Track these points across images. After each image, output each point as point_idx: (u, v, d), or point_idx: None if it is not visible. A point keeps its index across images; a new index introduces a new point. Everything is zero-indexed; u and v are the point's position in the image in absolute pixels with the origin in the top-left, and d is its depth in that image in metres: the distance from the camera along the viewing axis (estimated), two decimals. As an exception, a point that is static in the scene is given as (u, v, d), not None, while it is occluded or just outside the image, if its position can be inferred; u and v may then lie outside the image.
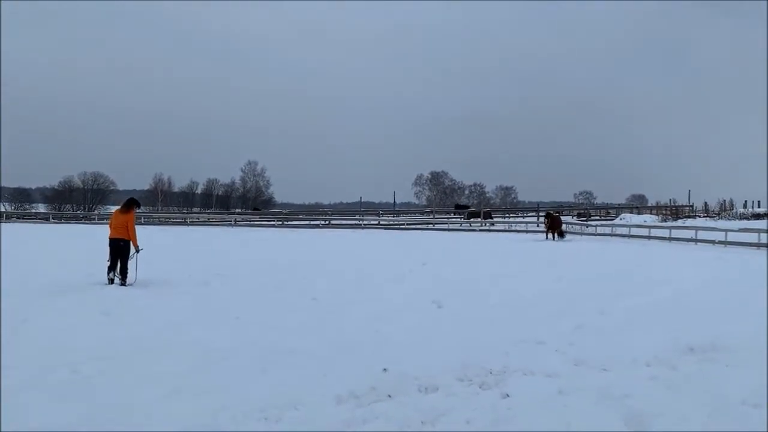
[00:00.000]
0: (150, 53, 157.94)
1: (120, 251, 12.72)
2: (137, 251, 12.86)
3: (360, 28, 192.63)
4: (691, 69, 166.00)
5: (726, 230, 28.81)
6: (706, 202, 57.21)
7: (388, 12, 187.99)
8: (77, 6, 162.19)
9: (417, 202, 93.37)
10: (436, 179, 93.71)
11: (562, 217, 37.24)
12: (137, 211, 13.63)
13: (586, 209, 61.99)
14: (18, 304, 9.96)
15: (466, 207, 55.42)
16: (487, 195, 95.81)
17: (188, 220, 53.05)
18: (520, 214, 58.76)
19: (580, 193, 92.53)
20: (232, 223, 50.30)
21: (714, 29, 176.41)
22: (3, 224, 46.19)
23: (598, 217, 55.30)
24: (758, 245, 25.23)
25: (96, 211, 67.08)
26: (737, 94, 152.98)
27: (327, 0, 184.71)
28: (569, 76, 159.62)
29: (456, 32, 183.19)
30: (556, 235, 32.34)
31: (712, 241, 28.37)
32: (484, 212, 52.31)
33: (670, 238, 31.08)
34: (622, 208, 63.19)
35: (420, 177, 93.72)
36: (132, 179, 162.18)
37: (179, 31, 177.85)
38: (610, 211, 60.88)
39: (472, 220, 49.70)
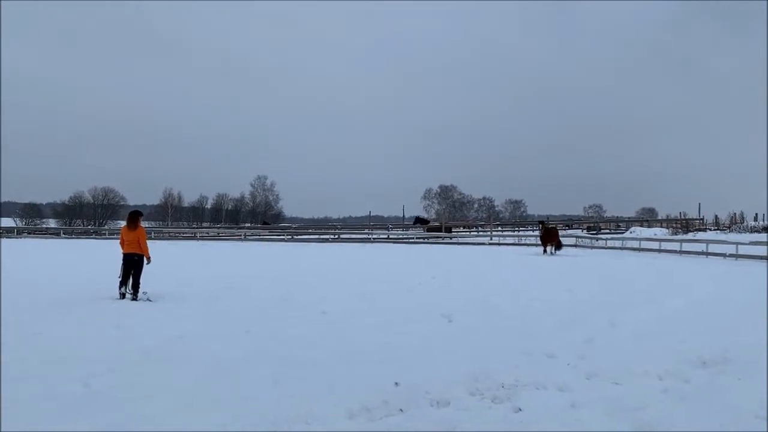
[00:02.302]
0: (160, 68, 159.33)
1: (134, 265, 12.84)
2: (148, 262, 13.03)
3: (370, 42, 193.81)
4: (701, 79, 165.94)
5: (737, 243, 28.68)
6: (716, 215, 56.81)
7: (398, 26, 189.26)
8: (88, 22, 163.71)
9: (426, 216, 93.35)
10: (445, 193, 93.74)
11: (567, 229, 36.86)
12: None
13: (596, 222, 61.79)
14: (30, 317, 10.04)
15: (425, 221, 55.35)
16: (497, 209, 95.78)
17: (198, 235, 53.24)
18: (529, 228, 58.59)
19: (590, 207, 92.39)
20: (242, 237, 50.40)
21: (722, 41, 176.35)
22: (15, 239, 46.53)
23: (608, 231, 55.10)
24: (769, 258, 25.08)
25: (106, 226, 67.39)
26: (747, 106, 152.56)
27: (338, 12, 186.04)
28: (578, 89, 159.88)
29: (466, 46, 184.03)
30: (553, 248, 31.37)
31: (723, 255, 28.25)
32: (446, 227, 52.57)
33: (681, 252, 30.95)
34: (632, 221, 63.01)
35: (429, 191, 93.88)
36: (142, 194, 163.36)
37: (189, 47, 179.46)
38: (620, 224, 60.68)
39: (434, 234, 49.74)
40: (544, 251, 31.53)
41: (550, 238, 31.71)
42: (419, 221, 55.40)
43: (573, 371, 6.80)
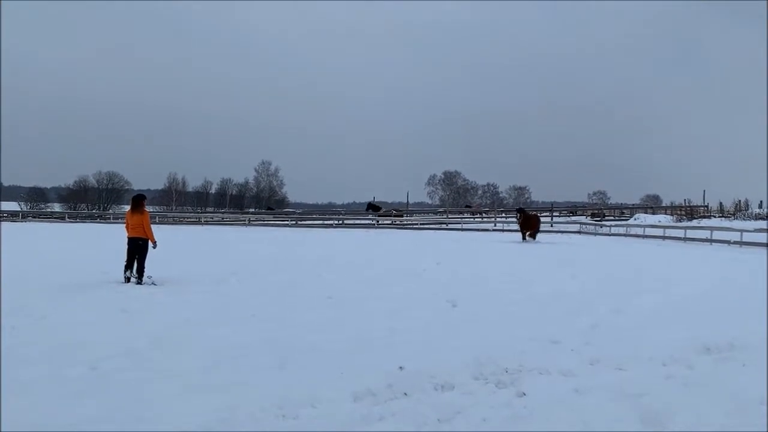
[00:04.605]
0: (164, 53, 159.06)
1: (138, 250, 12.87)
2: (154, 247, 13.05)
3: (375, 27, 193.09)
4: (706, 67, 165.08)
5: (741, 230, 28.66)
6: (721, 202, 56.71)
7: (403, 11, 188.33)
8: (92, 5, 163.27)
9: (430, 202, 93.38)
10: (450, 179, 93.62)
11: (571, 216, 36.56)
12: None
13: (600, 209, 61.67)
14: (36, 302, 10.07)
15: (377, 208, 55.52)
16: (501, 195, 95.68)
17: (202, 220, 53.29)
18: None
19: (594, 193, 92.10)
20: (246, 222, 50.43)
21: (728, 27, 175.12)
22: (19, 223, 46.65)
23: (612, 218, 55.03)
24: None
25: (111, 211, 67.48)
26: (752, 92, 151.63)
27: None
28: (583, 75, 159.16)
29: (470, 32, 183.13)
30: (527, 235, 30.31)
31: (728, 242, 28.24)
32: (397, 213, 53.04)
33: (685, 239, 30.94)
34: (637, 208, 62.85)
35: (433, 177, 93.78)
36: (146, 179, 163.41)
37: (194, 31, 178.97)
38: (624, 211, 60.58)
39: (386, 218, 50.24)
40: (523, 238, 30.51)
41: (526, 225, 30.65)
42: (371, 207, 55.34)
43: (577, 357, 6.81)
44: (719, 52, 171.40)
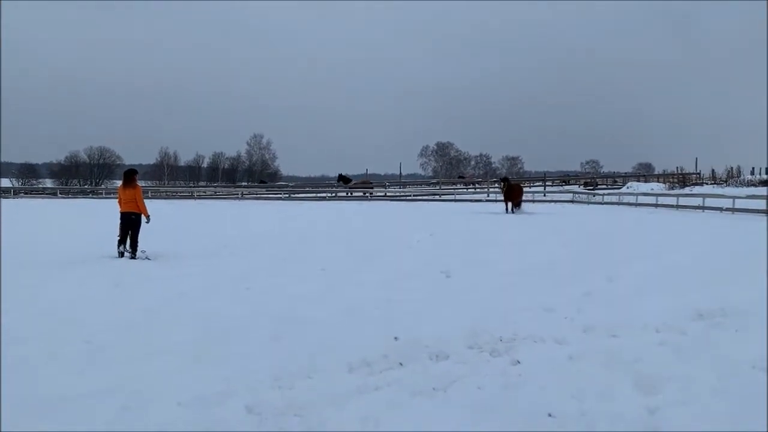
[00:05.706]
0: (154, 26, 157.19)
1: (131, 224, 12.83)
2: (147, 221, 13.00)
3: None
4: (699, 34, 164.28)
5: (733, 197, 28.73)
6: (713, 170, 56.96)
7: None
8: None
9: (423, 173, 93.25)
10: (442, 150, 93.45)
11: (564, 185, 36.52)
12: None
13: (593, 178, 61.72)
14: (30, 277, 10.06)
15: (348, 179, 55.48)
16: (493, 165, 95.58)
17: (195, 194, 53.06)
18: (526, 184, 58.39)
19: (587, 162, 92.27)
20: (239, 196, 50.30)
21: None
22: (11, 200, 46.38)
23: (605, 186, 55.10)
24: (766, 212, 25.15)
25: (103, 186, 67.20)
26: (744, 59, 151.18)
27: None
28: (575, 44, 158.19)
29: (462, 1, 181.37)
30: (512, 206, 29.43)
31: (720, 209, 28.32)
32: (366, 184, 53.13)
33: (678, 206, 31.00)
34: (629, 176, 62.96)
35: (426, 148, 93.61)
36: (138, 153, 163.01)
37: (183, 3, 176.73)
38: (617, 179, 60.66)
39: (355, 190, 50.43)
40: (507, 210, 29.70)
41: (510, 194, 29.69)
42: (342, 179, 55.20)
43: (571, 324, 6.85)
44: (714, 21, 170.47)
